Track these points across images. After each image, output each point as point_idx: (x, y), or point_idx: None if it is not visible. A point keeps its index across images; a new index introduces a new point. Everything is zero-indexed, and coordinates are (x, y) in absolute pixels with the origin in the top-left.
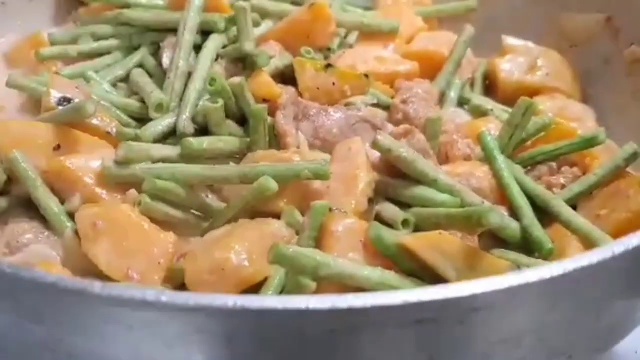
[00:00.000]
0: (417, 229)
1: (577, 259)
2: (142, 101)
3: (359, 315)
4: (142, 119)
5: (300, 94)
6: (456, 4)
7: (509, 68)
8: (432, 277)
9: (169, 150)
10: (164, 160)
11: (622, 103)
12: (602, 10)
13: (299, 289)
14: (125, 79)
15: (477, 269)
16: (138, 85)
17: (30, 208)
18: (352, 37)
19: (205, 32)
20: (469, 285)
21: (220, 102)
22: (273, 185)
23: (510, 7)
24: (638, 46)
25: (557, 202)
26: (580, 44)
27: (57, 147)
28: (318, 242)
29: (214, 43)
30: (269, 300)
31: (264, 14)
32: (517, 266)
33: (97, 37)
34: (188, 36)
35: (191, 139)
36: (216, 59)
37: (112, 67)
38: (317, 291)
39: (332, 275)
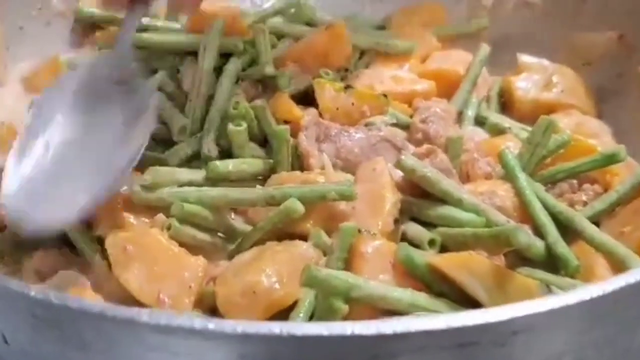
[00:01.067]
0: (443, 248)
1: (616, 280)
2: (163, 123)
3: (402, 340)
4: (164, 142)
5: (320, 115)
6: (468, 23)
7: (524, 86)
8: (462, 297)
9: (194, 173)
10: (190, 183)
11: (637, 119)
12: (614, 28)
13: (331, 313)
14: None
15: (507, 289)
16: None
17: (58, 234)
18: (368, 57)
19: (222, 55)
20: (510, 308)
21: (244, 125)
22: (300, 207)
23: (521, 27)
24: None
25: (580, 219)
26: (594, 61)
27: None
28: (347, 264)
29: (234, 66)
30: (314, 327)
31: (280, 35)
32: (547, 285)
33: None
34: (209, 59)
35: (217, 163)
36: (236, 82)
37: None
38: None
39: (363, 297)
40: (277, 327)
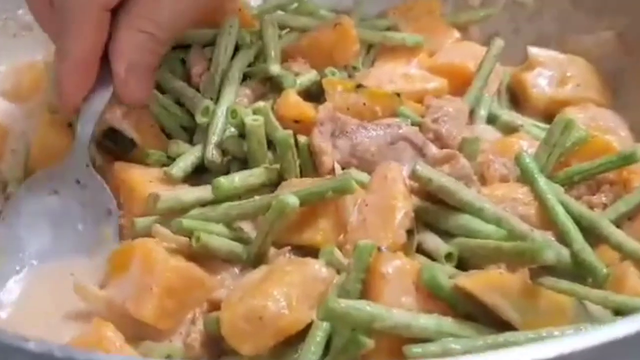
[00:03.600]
0: (460, 260)
1: None
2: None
3: None
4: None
5: None
6: (474, 12)
7: (539, 83)
8: (491, 319)
9: (198, 191)
10: (197, 203)
11: None
12: (611, 27)
13: (354, 346)
14: None
15: (540, 309)
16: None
17: None
18: (374, 52)
19: None
20: None
21: (261, 119)
22: (292, 200)
23: (512, 28)
24: None
25: (607, 224)
26: (594, 61)
27: None
28: (366, 285)
29: (241, 62)
30: None
31: (283, 27)
32: (580, 301)
33: None
34: (224, 56)
35: (222, 180)
36: (244, 79)
37: None
38: None
39: (387, 328)
40: None
